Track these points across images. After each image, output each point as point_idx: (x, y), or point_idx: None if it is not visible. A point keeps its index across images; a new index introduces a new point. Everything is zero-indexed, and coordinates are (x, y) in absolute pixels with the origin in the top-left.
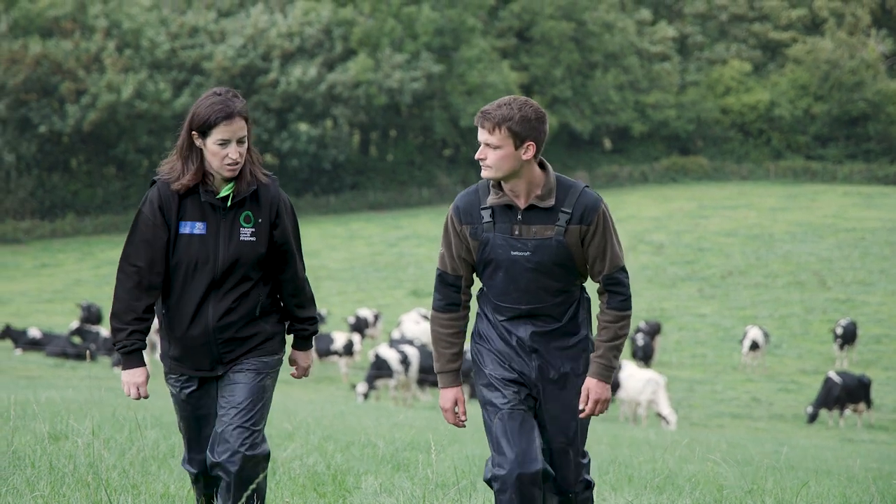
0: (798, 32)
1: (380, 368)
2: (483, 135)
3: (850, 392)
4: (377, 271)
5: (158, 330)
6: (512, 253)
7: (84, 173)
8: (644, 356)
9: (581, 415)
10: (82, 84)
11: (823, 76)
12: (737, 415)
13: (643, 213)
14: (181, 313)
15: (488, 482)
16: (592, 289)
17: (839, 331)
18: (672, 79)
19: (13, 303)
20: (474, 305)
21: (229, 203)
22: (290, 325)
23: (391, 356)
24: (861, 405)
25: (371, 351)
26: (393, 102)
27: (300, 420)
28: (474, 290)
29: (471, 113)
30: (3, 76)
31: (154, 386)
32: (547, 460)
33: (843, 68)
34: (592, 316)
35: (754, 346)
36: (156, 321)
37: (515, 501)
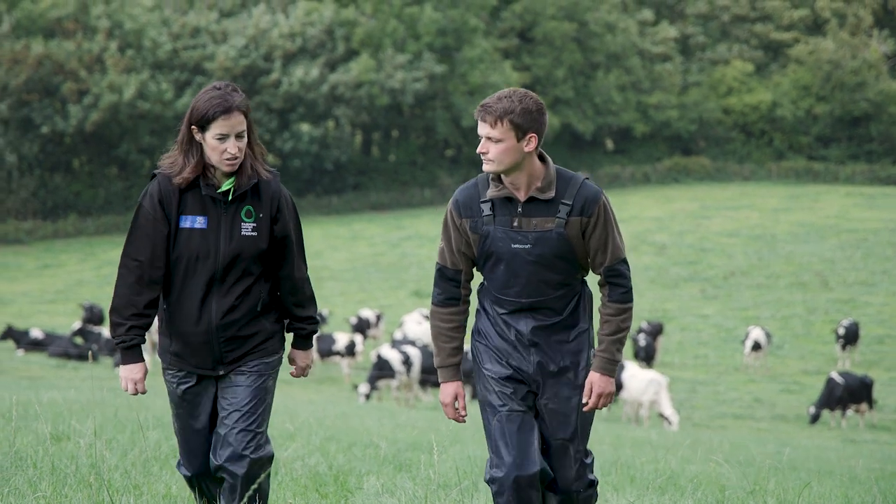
0: (800, 33)
1: (382, 369)
2: (484, 128)
3: (853, 393)
4: (379, 272)
5: (158, 326)
6: (512, 246)
7: (86, 174)
8: (646, 357)
9: (585, 408)
10: (84, 84)
11: (825, 77)
12: (739, 415)
13: (645, 214)
14: (183, 309)
15: (489, 482)
16: (593, 284)
17: (841, 331)
18: (674, 79)
19: (15, 303)
20: (474, 302)
21: (230, 197)
22: (289, 324)
23: (393, 357)
24: (863, 406)
25: (373, 351)
26: (395, 103)
27: (302, 421)
28: (474, 285)
29: (472, 113)
30: (6, 76)
31: (155, 386)
32: (546, 458)
33: (846, 69)
34: (594, 310)
35: (756, 347)
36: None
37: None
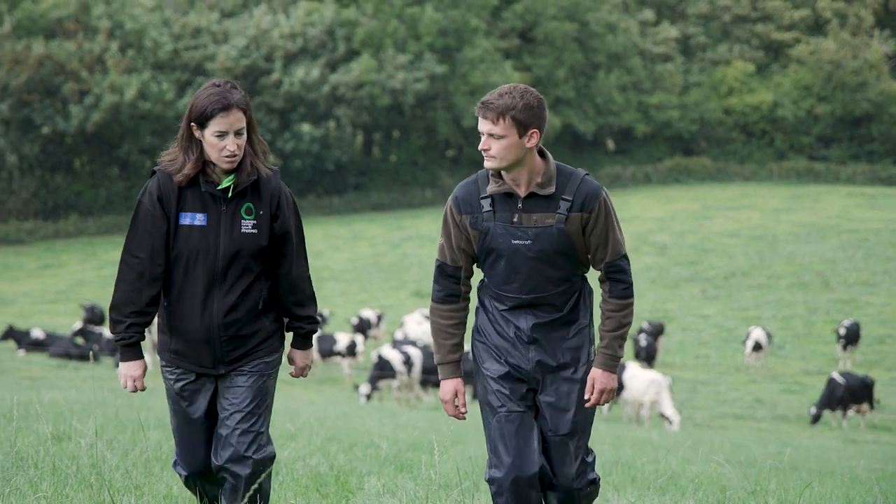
0: (801, 33)
1: (383, 369)
2: (486, 125)
3: (854, 393)
4: (380, 272)
5: (159, 324)
6: (513, 241)
7: (87, 174)
8: (647, 357)
9: (587, 405)
10: (85, 85)
11: (826, 77)
12: (740, 416)
13: (646, 214)
14: (184, 307)
15: (489, 482)
16: (593, 281)
17: (842, 331)
18: (675, 79)
19: (16, 303)
20: (474, 299)
21: (230, 194)
22: (288, 323)
23: (394, 357)
24: (864, 406)
25: (374, 352)
26: (396, 103)
27: (303, 421)
28: (474, 282)
29: (474, 114)
30: (7, 77)
31: (156, 386)
32: (546, 455)
33: (847, 69)
34: (594, 306)
35: (757, 347)
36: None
37: None
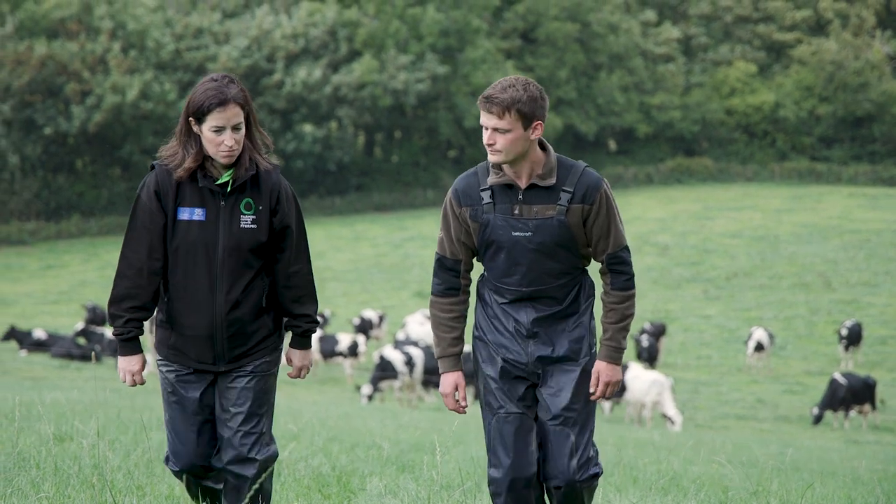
0: (803, 33)
1: (384, 370)
2: (491, 120)
3: (856, 393)
4: (382, 272)
5: (157, 319)
6: (513, 233)
7: (89, 174)
8: (649, 357)
9: (592, 397)
10: (87, 85)
11: (828, 77)
12: (742, 416)
13: (648, 215)
14: (184, 302)
15: (488, 483)
16: (594, 274)
17: (844, 332)
18: (677, 80)
19: (18, 304)
20: (474, 297)
21: (229, 189)
22: (286, 322)
23: (396, 357)
24: (866, 407)
25: (376, 352)
26: (398, 104)
27: (305, 421)
28: (474, 276)
29: (475, 114)
30: (9, 77)
31: (157, 386)
32: (547, 448)
33: (848, 69)
34: (596, 299)
35: (759, 348)
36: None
37: None
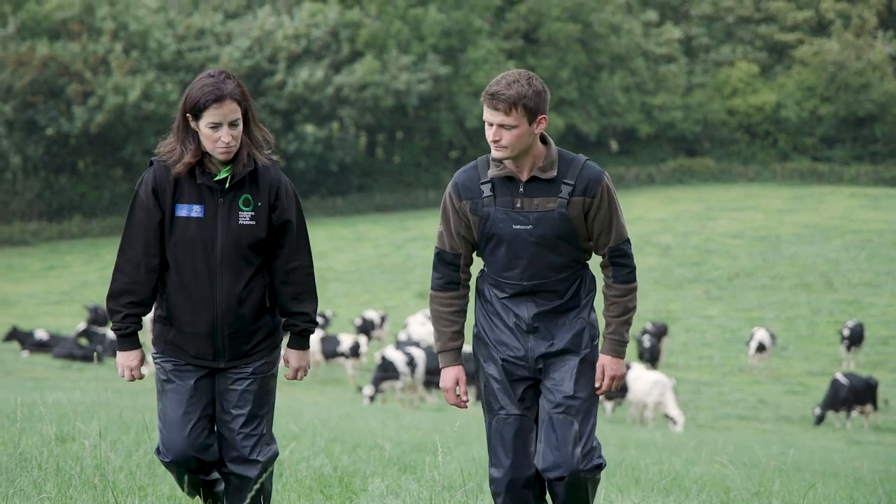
0: (804, 34)
1: (386, 370)
2: (497, 116)
3: (857, 394)
4: (383, 273)
5: (154, 315)
6: (514, 227)
7: (91, 175)
8: (651, 358)
9: (598, 391)
10: (89, 86)
11: (830, 78)
12: (743, 416)
13: (650, 215)
14: (184, 299)
15: (489, 482)
16: (595, 269)
17: (846, 332)
18: (678, 80)
19: (20, 304)
20: (473, 295)
21: (227, 185)
22: (284, 321)
23: (397, 358)
24: (868, 407)
25: (377, 353)
26: (399, 104)
27: (307, 422)
28: (474, 272)
29: (477, 115)
30: (11, 78)
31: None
32: (550, 437)
33: (850, 70)
34: (597, 293)
35: (761, 348)
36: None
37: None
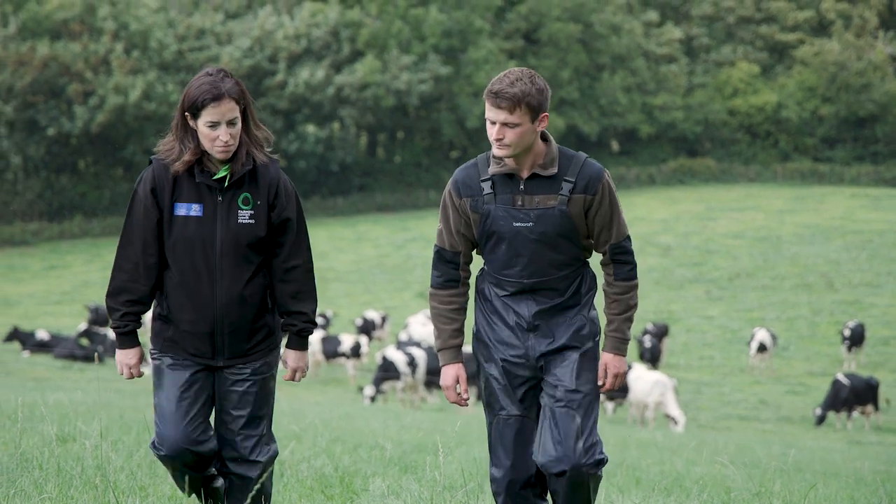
0: (805, 34)
1: (387, 370)
2: (501, 114)
3: (858, 394)
4: (384, 273)
5: (153, 313)
6: (514, 224)
7: (92, 175)
8: (651, 358)
9: (602, 389)
10: (90, 86)
11: (831, 78)
12: (744, 417)
13: (651, 215)
14: (184, 298)
15: (490, 481)
16: (595, 266)
17: (847, 333)
18: (679, 81)
19: (21, 304)
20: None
21: (226, 184)
22: (283, 322)
23: (398, 358)
24: (869, 407)
25: (378, 353)
26: (400, 104)
27: (308, 422)
28: (474, 271)
29: (478, 115)
30: (11, 78)
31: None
32: (552, 431)
33: (851, 70)
34: (598, 290)
35: (762, 349)
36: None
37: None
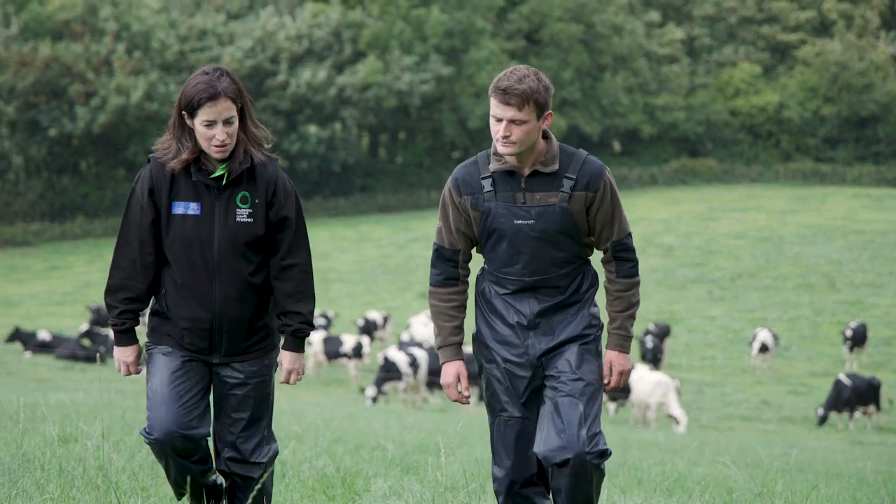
0: (807, 34)
1: (389, 371)
2: (509, 111)
3: (860, 394)
4: (386, 273)
5: (151, 310)
6: (515, 222)
7: (93, 175)
8: (653, 358)
9: (607, 388)
10: (92, 86)
11: (832, 78)
12: (746, 417)
13: (652, 216)
14: (183, 296)
15: (492, 480)
16: (597, 264)
17: (849, 333)
18: (681, 81)
19: (23, 305)
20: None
21: (224, 182)
22: (280, 322)
23: (400, 358)
24: (871, 407)
25: (380, 353)
26: (402, 104)
27: (309, 422)
28: (473, 270)
29: (480, 115)
30: (13, 79)
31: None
32: (556, 421)
33: (853, 70)
34: (600, 288)
35: (764, 349)
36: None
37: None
